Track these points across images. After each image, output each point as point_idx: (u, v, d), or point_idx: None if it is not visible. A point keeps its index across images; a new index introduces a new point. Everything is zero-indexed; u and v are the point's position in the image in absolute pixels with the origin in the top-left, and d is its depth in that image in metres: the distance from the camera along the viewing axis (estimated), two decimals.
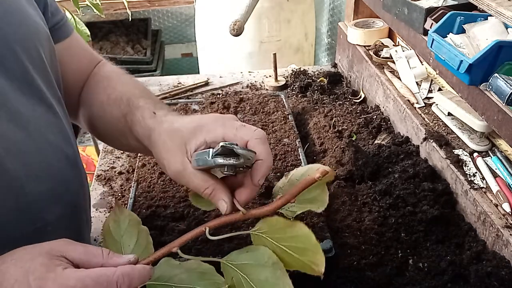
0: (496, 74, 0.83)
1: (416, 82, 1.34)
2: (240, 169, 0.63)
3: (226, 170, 0.62)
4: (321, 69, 1.73)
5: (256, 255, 0.63)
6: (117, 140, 0.83)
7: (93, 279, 0.52)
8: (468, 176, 1.02)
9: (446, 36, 0.96)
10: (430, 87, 1.33)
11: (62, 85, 0.80)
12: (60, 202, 0.70)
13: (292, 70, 1.69)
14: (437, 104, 1.24)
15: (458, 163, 1.06)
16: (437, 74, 1.11)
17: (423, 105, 1.28)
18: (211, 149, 0.62)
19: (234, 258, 0.64)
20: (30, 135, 0.66)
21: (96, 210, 1.11)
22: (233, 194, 0.66)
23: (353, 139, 1.29)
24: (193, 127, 0.66)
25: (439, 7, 1.04)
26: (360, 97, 1.52)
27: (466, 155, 1.08)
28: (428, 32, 0.99)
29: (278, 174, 1.12)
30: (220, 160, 0.61)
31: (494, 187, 0.97)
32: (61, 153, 0.72)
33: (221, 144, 0.61)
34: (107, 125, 0.82)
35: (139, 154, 1.21)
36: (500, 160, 1.03)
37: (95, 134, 0.89)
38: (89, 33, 1.57)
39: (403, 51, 1.44)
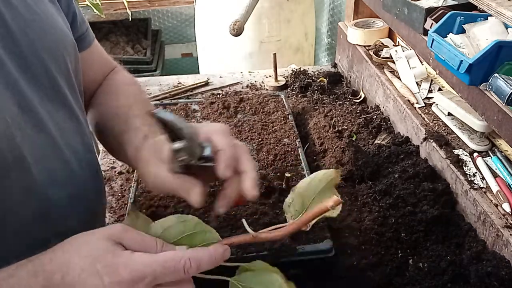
0: (496, 74, 0.83)
1: (416, 82, 1.34)
2: (198, 163, 0.65)
3: (181, 159, 0.64)
4: (321, 69, 1.73)
5: (266, 280, 0.64)
6: (117, 154, 0.85)
7: (160, 264, 0.52)
8: (468, 176, 1.02)
9: (446, 36, 0.96)
10: (430, 87, 1.33)
11: (83, 92, 0.81)
12: (81, 207, 0.70)
13: (292, 70, 1.69)
14: (437, 104, 1.24)
15: (458, 163, 1.06)
16: (437, 74, 1.11)
17: (423, 105, 1.28)
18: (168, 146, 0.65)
19: (244, 279, 0.64)
20: (54, 141, 0.67)
21: None
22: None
23: (353, 139, 1.29)
24: (155, 142, 0.69)
25: (439, 7, 1.04)
26: (360, 97, 1.52)
27: (466, 155, 1.08)
28: (428, 32, 0.99)
29: (278, 174, 1.12)
30: (175, 145, 0.63)
31: (494, 187, 0.97)
32: (83, 159, 0.72)
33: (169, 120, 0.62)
34: (109, 138, 0.83)
35: None
36: (500, 160, 1.03)
37: (101, 142, 0.90)
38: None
39: (403, 51, 1.44)
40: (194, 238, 0.61)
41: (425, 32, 1.05)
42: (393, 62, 1.45)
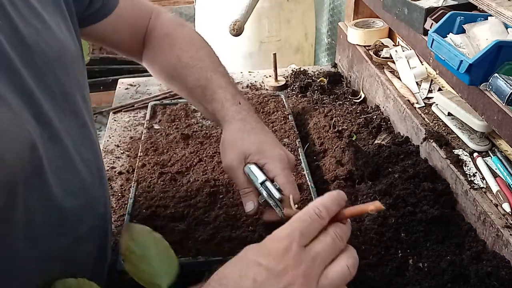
0: (496, 74, 0.83)
1: (416, 82, 1.34)
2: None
3: (265, 195, 0.77)
4: (321, 69, 1.73)
5: None
6: (187, 96, 0.95)
7: (297, 221, 0.54)
8: (468, 176, 1.02)
9: (446, 36, 0.96)
10: (430, 87, 1.33)
11: (90, 98, 0.82)
12: (91, 215, 0.72)
13: (292, 70, 1.69)
14: (437, 104, 1.24)
15: (458, 163, 1.06)
16: (437, 74, 1.11)
17: (423, 105, 1.27)
18: (261, 176, 0.77)
19: None
20: (67, 151, 0.68)
21: None
22: None
23: (353, 139, 1.29)
24: (259, 146, 0.81)
25: (439, 7, 1.04)
26: (360, 97, 1.52)
27: (466, 155, 1.08)
28: (428, 32, 0.99)
29: None
30: (264, 193, 0.76)
31: (494, 187, 0.97)
32: (93, 167, 0.74)
33: (276, 195, 0.76)
34: (181, 84, 0.92)
35: (139, 154, 1.21)
36: (500, 160, 1.03)
37: (171, 88, 0.98)
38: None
39: (403, 51, 1.44)
40: None
41: (425, 32, 1.05)
42: (393, 62, 1.44)
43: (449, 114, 1.19)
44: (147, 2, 1.00)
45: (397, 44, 1.53)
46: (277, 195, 0.76)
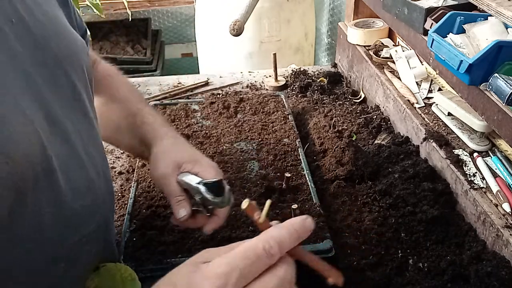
0: (496, 74, 0.83)
1: (416, 82, 1.34)
2: (205, 208, 0.79)
3: (197, 200, 0.77)
4: (321, 69, 1.73)
5: None
6: (113, 135, 0.93)
7: (240, 257, 0.47)
8: (468, 176, 1.02)
9: (446, 36, 0.96)
10: (430, 87, 1.33)
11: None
12: (96, 215, 0.72)
13: (292, 70, 1.69)
14: (437, 104, 1.24)
15: (458, 163, 1.06)
16: (437, 74, 1.11)
17: (423, 105, 1.28)
18: (197, 178, 0.78)
19: None
20: (75, 151, 0.68)
21: None
22: None
23: (353, 139, 1.29)
24: (193, 155, 0.83)
25: (439, 7, 1.04)
26: (360, 97, 1.52)
27: (466, 155, 1.08)
28: (428, 32, 0.99)
29: (278, 174, 1.12)
30: (202, 188, 0.76)
31: (494, 187, 0.97)
32: (99, 167, 0.74)
33: (215, 179, 0.76)
34: (109, 121, 0.90)
35: None
36: (500, 160, 1.03)
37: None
38: (89, 33, 1.57)
39: (403, 51, 1.44)
40: None
41: (425, 32, 1.05)
42: (393, 62, 1.45)
43: (449, 114, 1.19)
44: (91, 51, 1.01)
45: (397, 44, 1.53)
46: (211, 196, 0.75)
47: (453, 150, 1.10)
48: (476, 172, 1.03)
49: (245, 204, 0.52)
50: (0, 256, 0.57)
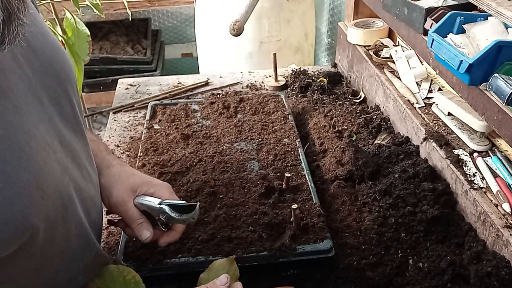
0: (496, 74, 0.83)
1: (416, 82, 1.34)
2: (166, 225, 0.81)
3: (160, 218, 0.79)
4: (321, 69, 1.73)
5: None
6: None
7: None
8: (468, 176, 1.02)
9: (446, 36, 0.96)
10: (430, 87, 1.33)
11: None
12: (94, 225, 0.75)
13: (292, 70, 1.69)
14: (437, 104, 1.24)
15: (458, 163, 1.06)
16: (437, 74, 1.11)
17: (423, 105, 1.27)
18: (156, 199, 0.81)
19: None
20: (81, 170, 0.70)
21: None
22: None
23: (353, 139, 1.29)
24: (144, 178, 0.85)
25: (439, 7, 1.04)
26: (360, 97, 1.52)
27: (466, 155, 1.08)
28: (428, 32, 0.99)
29: (278, 174, 1.12)
30: (166, 208, 0.79)
31: (494, 187, 0.97)
32: (95, 182, 0.76)
33: (181, 203, 0.80)
34: None
35: (139, 154, 1.21)
36: (500, 160, 1.03)
37: None
38: (89, 33, 1.57)
39: (403, 51, 1.44)
40: None
41: (425, 32, 1.05)
42: (393, 62, 1.44)
43: (449, 114, 1.19)
44: None
45: (397, 44, 1.53)
46: (177, 214, 0.79)
47: (453, 150, 1.10)
48: (476, 172, 1.03)
49: None
50: (30, 279, 0.60)
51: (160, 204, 0.80)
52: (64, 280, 0.66)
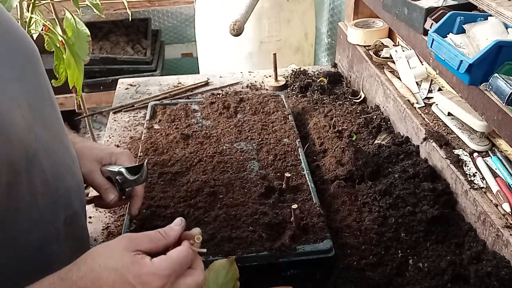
0: (496, 74, 0.83)
1: (416, 82, 1.34)
2: (122, 188, 0.90)
3: (117, 179, 0.89)
4: (321, 69, 1.73)
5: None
6: None
7: (177, 262, 0.62)
8: (468, 176, 1.02)
9: (446, 36, 0.96)
10: (430, 87, 1.33)
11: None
12: (76, 197, 0.78)
13: (292, 70, 1.69)
14: (437, 104, 1.24)
15: (458, 163, 1.06)
16: (437, 74, 1.11)
17: (423, 105, 1.27)
18: (117, 166, 0.91)
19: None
20: (55, 137, 0.74)
21: (96, 210, 1.11)
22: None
23: (353, 139, 1.29)
24: (109, 151, 0.94)
25: (439, 7, 1.04)
26: (360, 97, 1.52)
27: (466, 155, 1.08)
28: (428, 32, 0.99)
29: (278, 174, 1.12)
30: (123, 170, 0.89)
31: (494, 187, 0.97)
32: (72, 155, 0.80)
33: (134, 165, 0.90)
34: None
35: (139, 154, 1.21)
36: (500, 160, 1.03)
37: None
38: (89, 33, 1.57)
39: (403, 51, 1.44)
40: None
41: (425, 32, 1.05)
42: (393, 62, 1.44)
43: (449, 114, 1.19)
44: None
45: (397, 44, 1.53)
46: (130, 176, 0.89)
47: (453, 150, 1.10)
48: (476, 172, 1.03)
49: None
50: (2, 231, 0.61)
51: (120, 168, 0.90)
52: (36, 247, 0.67)
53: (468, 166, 1.05)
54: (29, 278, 0.63)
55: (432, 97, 1.29)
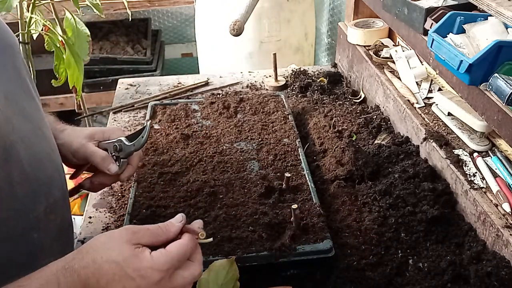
0: (496, 74, 0.83)
1: (416, 82, 1.34)
2: (118, 158, 0.91)
3: (115, 145, 0.89)
4: (321, 69, 1.73)
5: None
6: None
7: (176, 256, 0.64)
8: (468, 176, 1.02)
9: (446, 36, 0.96)
10: (430, 87, 1.33)
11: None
12: (57, 185, 0.79)
13: (292, 70, 1.69)
14: (437, 104, 1.24)
15: (458, 163, 1.06)
16: (437, 74, 1.11)
17: (423, 105, 1.27)
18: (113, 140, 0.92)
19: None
20: (34, 127, 0.75)
21: (96, 210, 1.11)
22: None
23: (353, 139, 1.29)
24: (100, 129, 0.95)
25: (439, 7, 1.04)
26: (360, 97, 1.52)
27: (466, 155, 1.08)
28: (428, 32, 0.99)
29: (278, 174, 1.12)
30: (122, 138, 0.90)
31: (494, 187, 0.97)
32: (52, 144, 0.81)
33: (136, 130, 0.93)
34: None
35: None
36: (500, 160, 1.03)
37: None
38: (89, 33, 1.57)
39: (403, 51, 1.44)
40: None
41: (425, 32, 1.05)
42: (393, 62, 1.44)
43: (449, 114, 1.19)
44: None
45: (397, 44, 1.53)
46: (129, 142, 0.90)
47: (453, 150, 1.10)
48: (476, 172, 1.03)
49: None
50: None
51: (118, 140, 0.91)
52: (17, 235, 0.69)
53: (468, 166, 1.05)
54: (12, 266, 0.66)
55: (432, 97, 1.29)
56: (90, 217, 1.09)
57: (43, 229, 0.75)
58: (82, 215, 1.13)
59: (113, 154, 0.91)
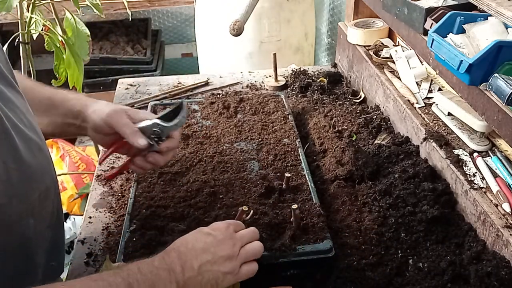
0: (496, 74, 0.83)
1: (416, 82, 1.34)
2: (160, 141, 0.91)
3: (155, 130, 0.90)
4: (321, 69, 1.73)
5: None
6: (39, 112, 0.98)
7: (229, 221, 0.84)
8: (468, 176, 1.02)
9: (446, 36, 0.96)
10: (430, 87, 1.33)
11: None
12: (49, 173, 0.82)
13: (292, 70, 1.69)
14: (437, 104, 1.24)
15: (458, 163, 1.06)
16: (437, 74, 1.11)
17: (423, 105, 1.28)
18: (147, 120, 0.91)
19: None
20: (20, 116, 0.78)
21: (96, 210, 1.11)
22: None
23: (353, 139, 1.29)
24: (132, 108, 0.97)
25: (439, 7, 1.04)
26: (360, 97, 1.52)
27: (466, 155, 1.08)
28: (428, 32, 0.99)
29: (278, 174, 1.12)
30: (157, 121, 0.90)
31: (494, 187, 0.97)
32: (40, 134, 0.83)
33: (167, 111, 0.92)
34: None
35: None
36: (500, 160, 1.03)
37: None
38: (89, 33, 1.57)
39: (403, 51, 1.44)
40: None
41: (425, 32, 1.05)
42: (393, 62, 1.44)
43: (449, 114, 1.19)
44: None
45: (397, 44, 1.53)
46: (166, 123, 0.90)
47: (453, 150, 1.10)
48: (476, 172, 1.03)
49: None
50: None
51: (152, 122, 0.90)
52: (14, 220, 0.72)
53: (468, 166, 1.05)
54: (10, 250, 0.70)
55: (432, 97, 1.29)
56: (90, 217, 1.09)
57: (38, 215, 0.78)
58: (82, 215, 1.13)
59: (153, 136, 0.90)
